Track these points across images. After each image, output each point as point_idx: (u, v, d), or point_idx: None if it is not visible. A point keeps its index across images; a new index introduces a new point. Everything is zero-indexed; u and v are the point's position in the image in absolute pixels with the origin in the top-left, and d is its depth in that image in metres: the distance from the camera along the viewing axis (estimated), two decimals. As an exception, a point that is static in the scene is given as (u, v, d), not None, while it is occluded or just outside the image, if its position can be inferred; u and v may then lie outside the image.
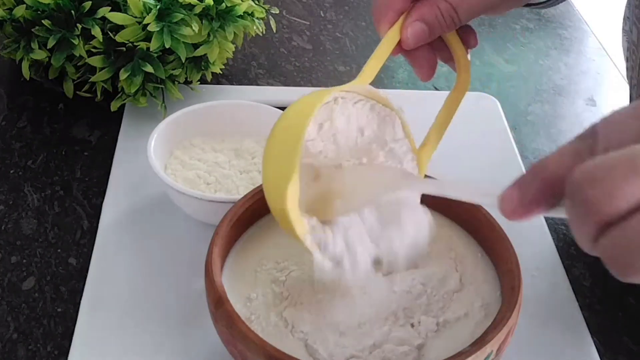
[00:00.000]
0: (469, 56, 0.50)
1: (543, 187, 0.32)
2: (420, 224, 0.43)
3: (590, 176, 0.29)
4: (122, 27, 0.61)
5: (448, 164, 0.63)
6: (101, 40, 0.62)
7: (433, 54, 0.49)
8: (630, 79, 0.71)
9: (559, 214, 0.32)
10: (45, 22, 0.61)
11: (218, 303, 0.41)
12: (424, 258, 0.45)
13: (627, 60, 0.71)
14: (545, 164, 0.32)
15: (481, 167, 0.64)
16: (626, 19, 0.70)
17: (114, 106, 0.64)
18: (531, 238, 0.57)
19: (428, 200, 0.50)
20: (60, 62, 0.63)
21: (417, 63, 0.50)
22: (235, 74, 0.74)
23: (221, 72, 0.70)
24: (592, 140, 0.31)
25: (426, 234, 0.42)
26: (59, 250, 0.54)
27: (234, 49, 0.68)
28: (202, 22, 0.63)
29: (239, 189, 0.55)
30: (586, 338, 0.51)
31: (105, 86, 0.65)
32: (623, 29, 0.70)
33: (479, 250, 0.48)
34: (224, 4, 0.64)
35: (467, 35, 0.50)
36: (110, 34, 0.61)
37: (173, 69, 0.64)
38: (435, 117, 0.50)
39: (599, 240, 0.29)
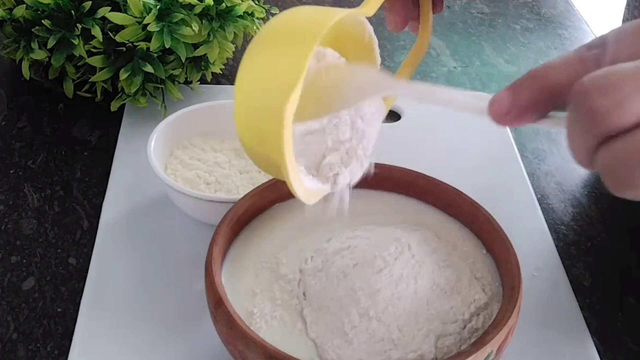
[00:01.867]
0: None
1: (540, 92, 0.31)
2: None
3: (601, 84, 0.28)
4: (122, 27, 0.61)
5: (448, 164, 0.63)
6: (101, 40, 0.62)
7: (409, 7, 0.48)
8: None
9: (550, 124, 0.31)
10: (45, 22, 0.61)
11: (218, 303, 0.41)
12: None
13: None
14: (546, 69, 0.31)
15: (481, 167, 0.64)
16: (625, 20, 0.70)
17: (114, 106, 0.64)
18: (531, 238, 0.57)
19: (427, 198, 0.50)
20: (60, 62, 0.63)
21: (394, 11, 0.49)
22: (235, 74, 0.74)
23: (221, 72, 0.70)
24: (600, 50, 0.30)
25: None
26: (59, 250, 0.54)
27: (234, 49, 0.68)
28: (202, 22, 0.63)
29: (239, 189, 0.55)
30: (586, 338, 0.51)
31: (105, 86, 0.65)
32: None
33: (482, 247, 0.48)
34: (224, 4, 0.64)
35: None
36: (110, 34, 0.61)
37: (173, 69, 0.64)
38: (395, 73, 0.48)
39: (598, 152, 0.28)
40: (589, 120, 0.28)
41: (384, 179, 0.51)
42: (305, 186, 0.37)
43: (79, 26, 0.62)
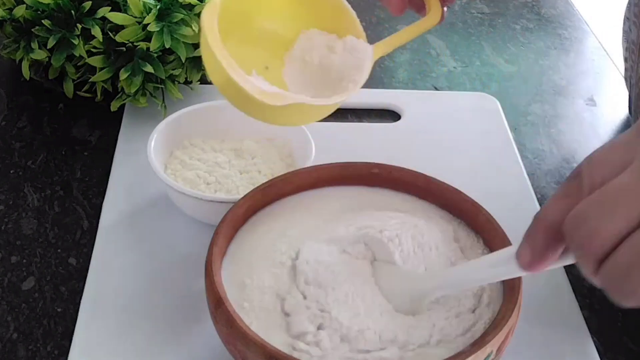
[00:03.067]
0: (445, 8, 0.53)
1: (547, 236, 0.34)
2: None
3: (574, 221, 0.31)
4: (122, 27, 0.61)
5: (448, 164, 0.63)
6: (101, 40, 0.62)
7: None
8: (629, 79, 0.71)
9: (571, 258, 0.34)
10: (45, 22, 0.61)
11: (218, 303, 0.41)
12: None
13: (625, 60, 0.72)
14: (544, 213, 0.34)
15: (481, 167, 0.64)
16: (626, 19, 0.70)
17: (114, 106, 0.64)
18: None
19: (428, 198, 0.50)
20: (60, 62, 0.63)
21: None
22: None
23: (221, 72, 0.70)
24: (577, 181, 0.33)
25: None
26: (59, 250, 0.54)
27: (234, 49, 0.68)
28: (202, 22, 0.63)
29: (239, 189, 0.55)
30: (586, 338, 0.51)
31: (105, 86, 0.65)
32: (623, 29, 0.70)
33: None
34: (224, 4, 0.64)
35: None
36: (110, 34, 0.61)
37: (173, 69, 0.64)
38: (397, 31, 0.54)
39: (598, 273, 0.32)
40: (578, 254, 0.32)
41: (384, 179, 0.51)
42: (255, 85, 0.44)
43: (79, 26, 0.62)
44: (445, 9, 0.53)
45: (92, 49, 0.62)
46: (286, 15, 0.52)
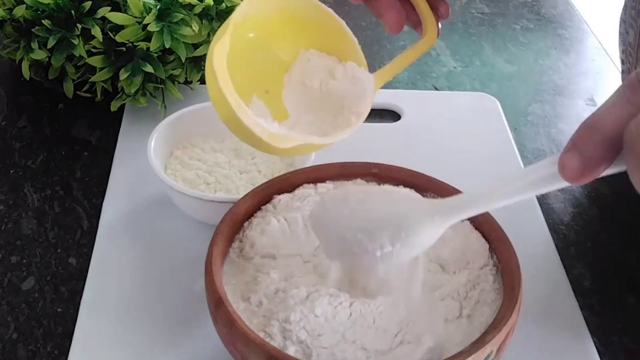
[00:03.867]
0: (439, 24, 0.51)
1: (602, 144, 0.32)
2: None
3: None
4: (122, 27, 0.61)
5: (448, 164, 0.63)
6: (101, 40, 0.62)
7: (399, 5, 0.50)
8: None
9: (619, 167, 0.32)
10: (45, 22, 0.61)
11: (218, 303, 0.41)
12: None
13: (622, 62, 0.71)
14: (599, 119, 0.32)
15: (481, 167, 0.63)
16: (622, 21, 0.70)
17: (114, 106, 0.64)
18: (531, 238, 0.57)
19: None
20: (60, 62, 0.63)
21: (384, 16, 0.50)
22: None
23: (221, 72, 0.70)
24: (636, 89, 0.31)
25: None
26: (59, 250, 0.54)
27: (234, 49, 0.68)
28: (202, 22, 0.63)
29: (239, 189, 0.55)
30: (586, 338, 0.51)
31: (105, 86, 0.65)
32: (619, 31, 0.70)
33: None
34: (224, 4, 0.64)
35: (437, 4, 0.50)
36: (110, 34, 0.61)
37: (173, 69, 0.64)
38: (395, 57, 0.52)
39: None
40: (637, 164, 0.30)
41: (384, 179, 0.51)
42: (264, 128, 0.43)
43: (79, 26, 0.62)
44: (440, 25, 0.51)
45: (92, 49, 0.62)
46: (287, 38, 0.51)
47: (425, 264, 0.45)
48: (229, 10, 0.64)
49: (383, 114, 0.70)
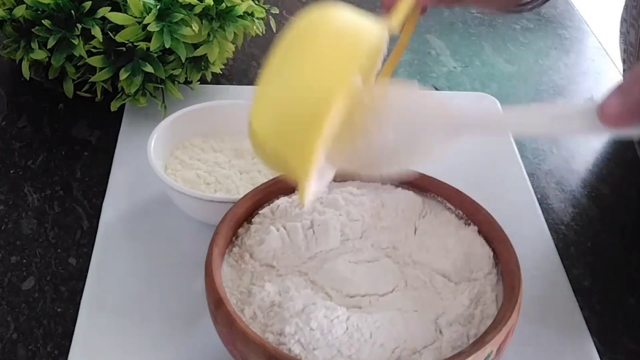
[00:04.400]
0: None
1: None
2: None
3: None
4: (122, 27, 0.61)
5: (447, 164, 0.63)
6: (101, 40, 0.62)
7: None
8: (627, 80, 0.71)
9: None
10: (45, 22, 0.61)
11: (218, 303, 0.41)
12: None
13: (623, 62, 0.71)
14: None
15: (481, 167, 0.64)
16: (623, 20, 0.70)
17: (114, 106, 0.64)
18: (531, 238, 0.57)
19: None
20: (60, 62, 0.63)
21: None
22: (235, 74, 0.74)
23: (221, 72, 0.70)
24: None
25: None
26: (59, 250, 0.54)
27: (234, 49, 0.68)
28: (202, 22, 0.63)
29: (239, 189, 0.55)
30: (586, 338, 0.51)
31: (105, 86, 0.65)
32: (620, 30, 0.70)
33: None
34: (224, 4, 0.64)
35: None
36: (110, 34, 0.61)
37: (173, 69, 0.64)
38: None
39: None
40: None
41: (384, 179, 0.51)
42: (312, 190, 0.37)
43: (79, 26, 0.62)
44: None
45: (92, 49, 0.62)
46: None
47: None
48: (228, 10, 0.64)
49: (383, 114, 0.70)
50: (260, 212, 0.48)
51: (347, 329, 0.40)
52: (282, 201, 0.48)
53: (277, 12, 0.71)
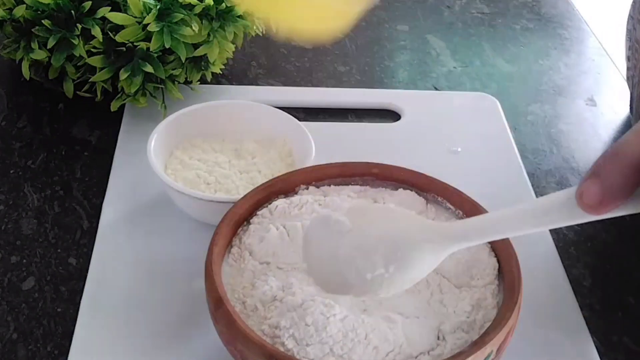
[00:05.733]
0: None
1: (624, 171, 0.30)
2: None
3: None
4: (122, 27, 0.61)
5: (448, 164, 0.63)
6: (101, 40, 0.62)
7: None
8: (631, 78, 0.71)
9: (636, 206, 0.31)
10: (45, 22, 0.61)
11: (218, 303, 0.41)
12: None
13: (628, 59, 0.71)
14: (622, 148, 0.31)
15: (481, 167, 0.64)
16: (630, 17, 0.70)
17: (114, 106, 0.64)
18: (531, 238, 0.57)
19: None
20: (60, 62, 0.63)
21: None
22: (235, 74, 0.74)
23: (221, 72, 0.70)
24: None
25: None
26: (59, 250, 0.54)
27: (234, 49, 0.68)
28: (202, 22, 0.63)
29: (239, 189, 0.55)
30: (586, 338, 0.51)
31: (105, 86, 0.65)
32: (626, 27, 0.70)
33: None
34: (224, 4, 0.64)
35: None
36: (110, 34, 0.61)
37: (173, 69, 0.64)
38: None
39: None
40: None
41: (385, 179, 0.51)
42: None
43: (79, 26, 0.62)
44: None
45: (92, 49, 0.62)
46: None
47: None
48: (228, 10, 0.64)
49: (383, 114, 0.70)
50: (258, 212, 0.48)
51: (342, 328, 0.40)
52: (281, 202, 0.48)
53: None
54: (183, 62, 0.63)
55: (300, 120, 0.59)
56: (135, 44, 0.61)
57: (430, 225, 0.41)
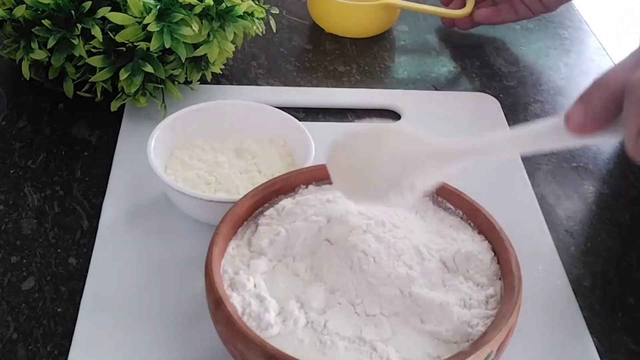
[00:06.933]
0: None
1: (607, 98, 0.34)
2: None
3: None
4: (122, 27, 0.61)
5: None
6: (101, 40, 0.62)
7: None
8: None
9: (616, 131, 0.34)
10: (45, 22, 0.61)
11: (218, 303, 0.41)
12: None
13: None
14: (607, 77, 0.34)
15: (481, 167, 0.63)
16: None
17: (114, 106, 0.64)
18: (531, 238, 0.57)
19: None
20: (60, 62, 0.63)
21: None
22: (235, 74, 0.74)
23: (221, 72, 0.70)
24: None
25: None
26: (59, 250, 0.54)
27: (234, 49, 0.68)
28: (202, 22, 0.63)
29: (239, 189, 0.55)
30: (586, 338, 0.51)
31: (105, 86, 0.65)
32: None
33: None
34: (224, 4, 0.64)
35: None
36: (110, 34, 0.61)
37: (173, 69, 0.64)
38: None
39: None
40: (636, 107, 0.32)
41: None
42: None
43: (79, 26, 0.62)
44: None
45: (92, 49, 0.62)
46: None
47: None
48: (228, 10, 0.64)
49: (383, 114, 0.70)
50: (265, 213, 0.48)
51: (309, 324, 0.41)
52: (287, 202, 0.48)
53: (277, 12, 0.71)
54: (183, 62, 0.63)
55: (300, 120, 0.59)
56: (135, 44, 0.61)
57: (430, 144, 0.45)
